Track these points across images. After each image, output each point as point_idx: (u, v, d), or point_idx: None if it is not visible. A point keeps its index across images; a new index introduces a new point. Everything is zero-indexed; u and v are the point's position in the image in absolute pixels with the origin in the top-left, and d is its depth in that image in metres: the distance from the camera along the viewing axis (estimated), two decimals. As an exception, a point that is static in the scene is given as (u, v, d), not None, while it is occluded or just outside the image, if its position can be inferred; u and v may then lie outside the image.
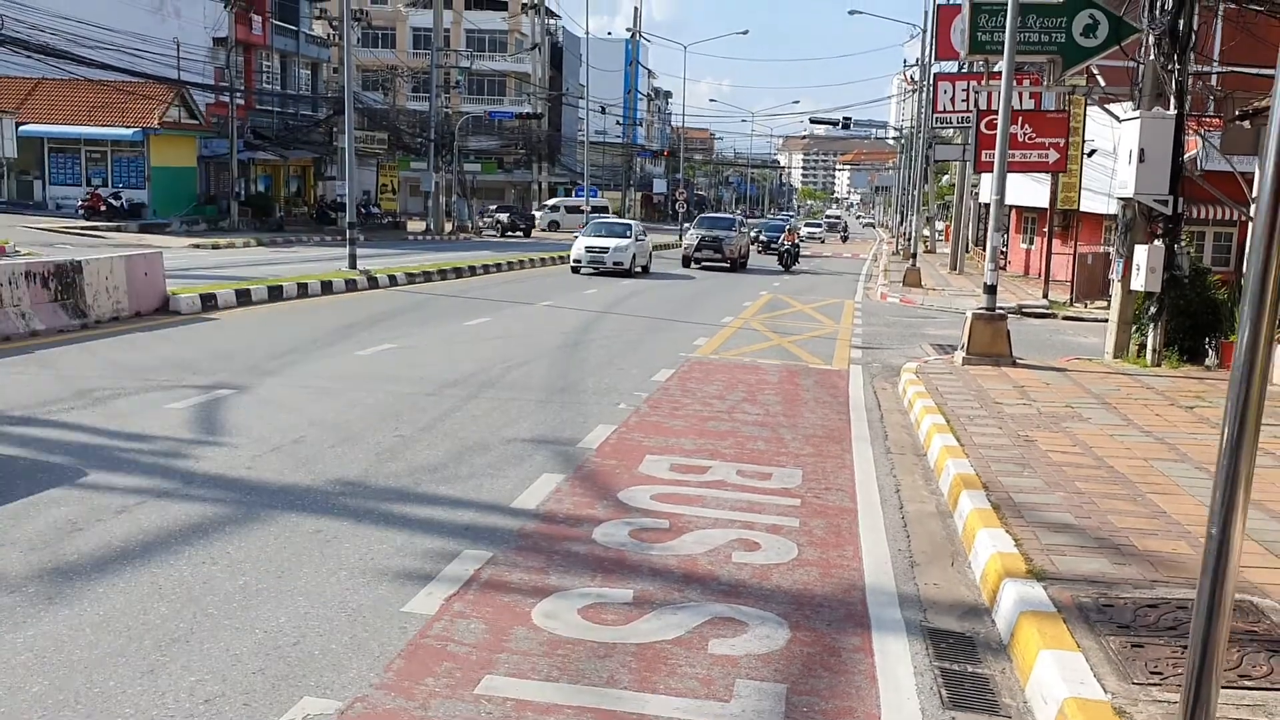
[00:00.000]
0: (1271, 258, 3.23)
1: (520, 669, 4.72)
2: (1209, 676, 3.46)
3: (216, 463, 7.88)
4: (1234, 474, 3.46)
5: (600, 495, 7.57)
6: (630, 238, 31.61)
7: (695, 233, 38.46)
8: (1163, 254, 14.22)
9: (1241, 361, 3.42)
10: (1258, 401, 3.43)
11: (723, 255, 36.54)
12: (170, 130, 42.70)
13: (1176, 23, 14.03)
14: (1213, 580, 3.49)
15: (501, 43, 77.65)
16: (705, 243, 37.00)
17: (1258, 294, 3.34)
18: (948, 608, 5.82)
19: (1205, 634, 3.50)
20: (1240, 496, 3.46)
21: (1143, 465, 8.59)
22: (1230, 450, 3.47)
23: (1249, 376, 3.37)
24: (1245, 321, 3.40)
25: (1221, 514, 3.50)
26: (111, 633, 4.88)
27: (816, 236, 78.80)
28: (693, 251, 37.11)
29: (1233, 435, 3.46)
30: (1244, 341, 3.42)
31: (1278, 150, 3.23)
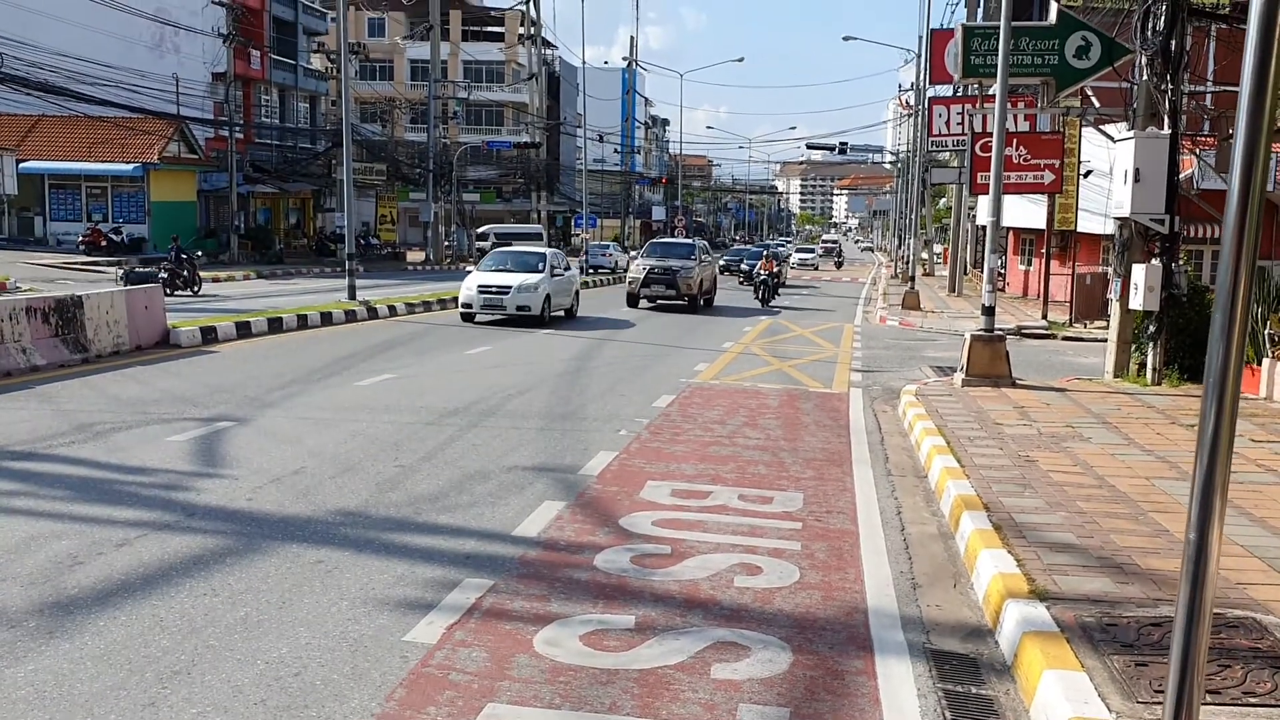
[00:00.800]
0: (1240, 269, 3.29)
1: (522, 697, 4.70)
2: (1190, 684, 3.49)
3: (217, 495, 7.87)
4: (1210, 480, 3.49)
5: (601, 522, 7.56)
6: (542, 272, 23.30)
7: (642, 263, 29.80)
8: (1160, 273, 14.25)
9: (1215, 369, 3.45)
10: (1231, 405, 3.46)
11: (677, 291, 28.69)
12: (170, 165, 42.90)
13: (1168, 43, 14.11)
14: (1192, 586, 3.53)
15: (499, 73, 78.11)
16: (655, 275, 28.97)
17: (1228, 302, 3.38)
18: (951, 629, 5.81)
19: (1185, 644, 3.53)
20: (1217, 503, 3.51)
21: (1144, 484, 8.58)
22: (1206, 457, 3.50)
23: (1222, 385, 3.41)
24: (1217, 330, 3.45)
25: (1199, 521, 3.54)
26: (112, 666, 4.87)
27: (809, 263, 72.25)
28: (639, 287, 28.96)
29: (1208, 443, 3.49)
30: (1216, 354, 3.45)
31: (1243, 168, 3.29)
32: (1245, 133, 3.28)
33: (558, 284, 23.98)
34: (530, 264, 23.80)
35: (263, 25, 49.85)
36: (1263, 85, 3.25)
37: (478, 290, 22.39)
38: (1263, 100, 3.26)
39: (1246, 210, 3.30)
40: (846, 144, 69.90)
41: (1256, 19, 3.31)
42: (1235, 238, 3.32)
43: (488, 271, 23.47)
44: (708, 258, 32.29)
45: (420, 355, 16.98)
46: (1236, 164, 3.28)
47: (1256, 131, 3.27)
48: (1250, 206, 3.33)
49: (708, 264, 31.68)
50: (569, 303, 24.87)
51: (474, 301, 22.31)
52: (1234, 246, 3.32)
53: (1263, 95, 3.26)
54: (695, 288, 29.02)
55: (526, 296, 22.20)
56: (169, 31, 44.40)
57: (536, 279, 22.77)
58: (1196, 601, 3.52)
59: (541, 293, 22.52)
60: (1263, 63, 3.25)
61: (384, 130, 63.82)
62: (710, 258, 33.08)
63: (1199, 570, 3.50)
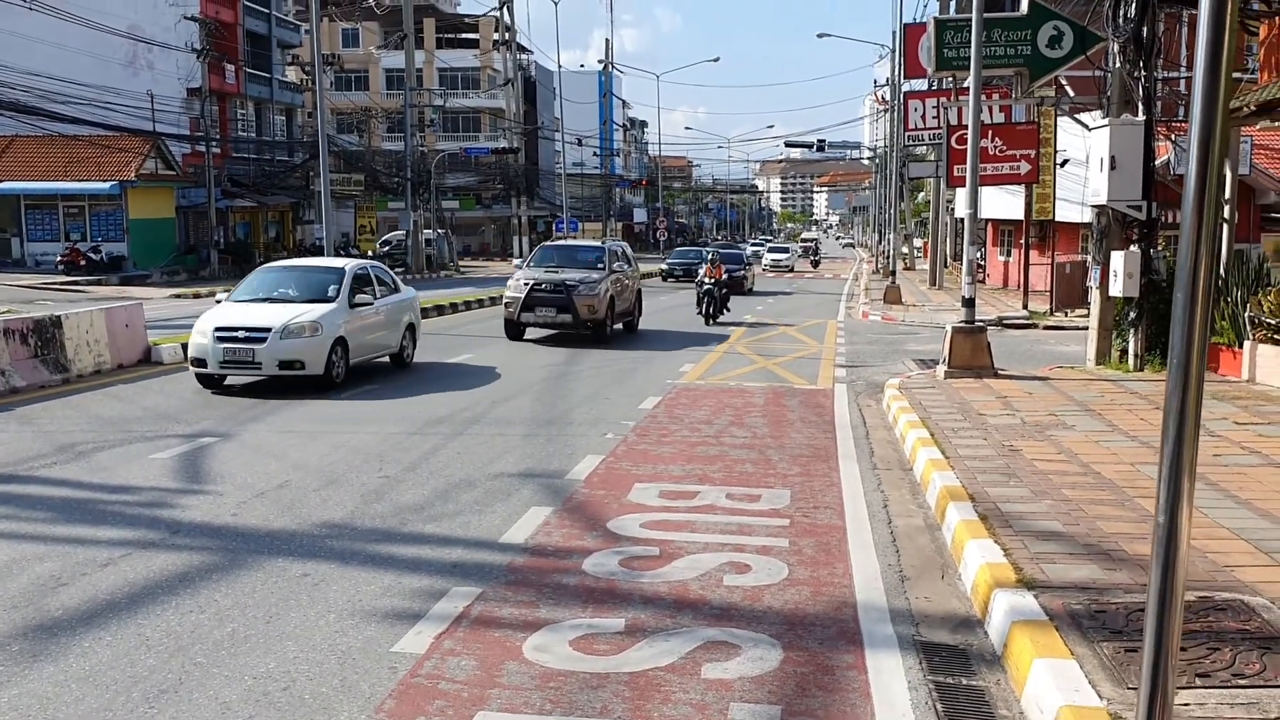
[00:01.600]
0: (1200, 254, 3.32)
1: (513, 704, 4.68)
2: (1164, 665, 3.50)
3: (201, 511, 7.83)
4: (1178, 462, 3.55)
5: (589, 526, 7.55)
6: (333, 300, 14.44)
7: (525, 275, 20.99)
8: (1139, 259, 14.31)
9: (1178, 351, 3.53)
10: (1196, 386, 3.55)
11: (573, 315, 20.04)
12: (147, 182, 42.67)
13: (1140, 30, 14.17)
14: (1163, 569, 3.55)
15: (474, 79, 78.00)
16: (541, 294, 20.15)
17: (1189, 284, 3.42)
18: (940, 621, 5.81)
19: (1158, 626, 3.53)
20: (1186, 484, 3.55)
21: (1129, 470, 8.61)
22: (1173, 438, 3.58)
23: (1186, 366, 3.48)
24: (1179, 310, 3.50)
25: (1168, 504, 3.57)
26: (98, 687, 4.82)
27: (783, 265, 62.85)
28: (518, 310, 20.30)
29: (1176, 424, 3.58)
30: (1179, 334, 3.52)
31: (1200, 150, 3.29)
32: (1201, 114, 3.29)
33: (389, 314, 15.60)
34: (314, 287, 14.76)
35: (236, 39, 49.63)
36: (1216, 67, 3.25)
37: (214, 336, 13.43)
38: (1217, 81, 3.26)
39: (1205, 191, 3.31)
40: (824, 141, 69.96)
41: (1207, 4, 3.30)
42: (1194, 218, 3.34)
43: (236, 304, 14.47)
44: (627, 266, 22.76)
45: (404, 365, 16.90)
46: (1194, 146, 3.29)
47: (1212, 112, 3.27)
48: (1208, 187, 3.33)
49: (624, 275, 22.12)
50: (397, 344, 16.02)
51: (209, 356, 13.40)
52: (1193, 227, 3.34)
53: (1216, 77, 3.26)
54: (602, 309, 20.06)
55: (293, 344, 13.48)
56: (142, 48, 44.16)
57: (315, 316, 13.80)
58: (1169, 584, 3.53)
59: (319, 342, 13.62)
60: (1215, 44, 3.24)
61: (361, 140, 63.62)
62: (631, 266, 23.32)
63: (1169, 552, 3.53)
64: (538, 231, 79.53)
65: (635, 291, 22.93)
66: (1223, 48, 3.22)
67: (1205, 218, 3.31)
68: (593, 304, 19.88)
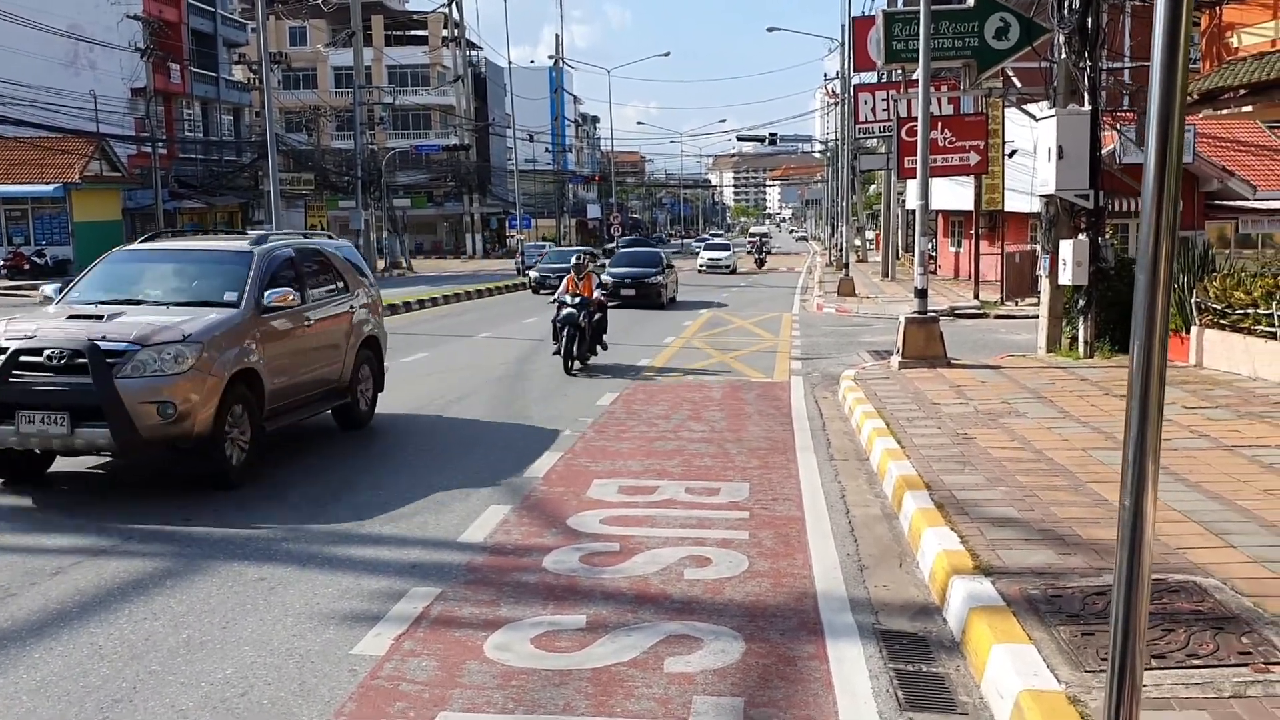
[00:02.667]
0: (1161, 240, 3.32)
1: (475, 703, 4.65)
2: (1133, 651, 3.51)
3: (154, 516, 7.70)
4: (1142, 446, 3.53)
5: (549, 523, 7.52)
6: None
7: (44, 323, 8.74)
8: (1087, 248, 14.49)
9: (1141, 337, 3.47)
10: (1159, 372, 3.48)
11: None
12: (92, 184, 41.96)
13: (1085, 21, 14.34)
14: (1130, 553, 3.56)
15: (424, 76, 77.45)
16: None
17: (1151, 270, 3.40)
18: (899, 609, 5.85)
19: (1126, 610, 3.54)
20: (1150, 468, 3.54)
21: (1081, 455, 8.72)
22: (1137, 423, 3.53)
23: (1148, 352, 3.44)
24: (1141, 296, 3.46)
25: (1134, 487, 3.58)
26: (50, 699, 4.73)
27: (721, 265, 51.60)
28: None
29: (1137, 409, 3.53)
30: (1141, 319, 3.47)
31: (1159, 139, 3.30)
32: (1159, 103, 3.32)
33: None
34: None
35: (181, 39, 48.95)
36: (1174, 55, 3.27)
37: None
38: (1174, 70, 3.28)
39: (1164, 180, 3.32)
40: (776, 135, 70.22)
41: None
42: (1154, 207, 3.34)
43: None
44: (332, 295, 10.86)
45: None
46: (1152, 135, 3.31)
47: (1170, 101, 3.29)
48: (1167, 176, 3.34)
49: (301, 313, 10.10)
50: None
51: None
52: (1153, 215, 3.34)
53: (1174, 65, 3.27)
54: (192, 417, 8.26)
55: None
56: (84, 48, 43.42)
57: None
58: (1135, 568, 3.54)
59: None
60: (1173, 30, 3.26)
61: (310, 139, 63.01)
62: (346, 289, 11.24)
63: (1135, 536, 3.54)
64: (490, 229, 79.28)
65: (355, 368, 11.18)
66: (1180, 33, 3.23)
67: (1165, 204, 3.31)
68: None
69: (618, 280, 27.86)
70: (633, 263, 29.62)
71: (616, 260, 31.59)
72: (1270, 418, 10.09)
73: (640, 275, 27.51)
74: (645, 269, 28.99)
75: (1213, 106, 13.39)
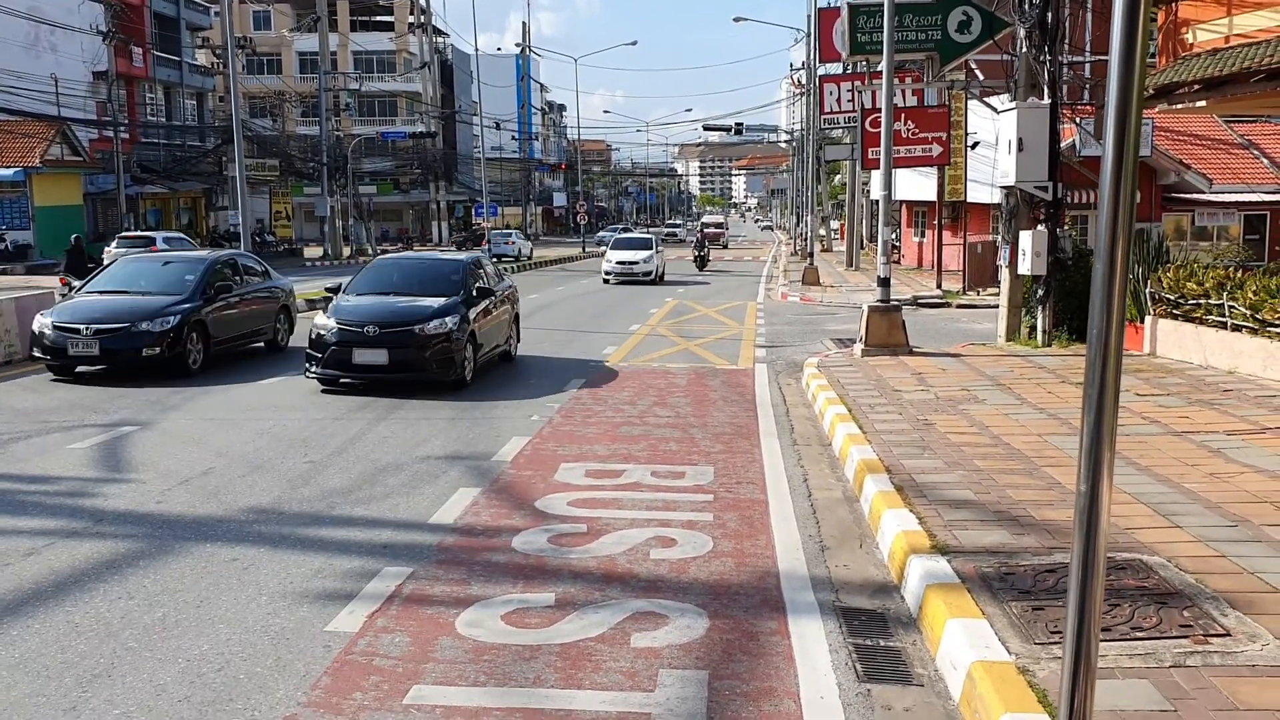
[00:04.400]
0: (1118, 231, 3.39)
1: (447, 677, 4.79)
2: (1088, 629, 3.58)
3: (125, 499, 7.77)
4: (1098, 433, 3.55)
5: (517, 505, 7.66)
6: None
7: None
8: (1046, 238, 14.76)
9: (1098, 325, 3.49)
10: (1115, 360, 3.51)
11: None
12: (53, 168, 41.48)
13: (1045, 16, 14.60)
14: (1086, 537, 3.60)
15: (390, 63, 77.00)
16: None
17: (1108, 260, 3.44)
18: (858, 587, 6.04)
19: (1081, 596, 3.59)
20: (1106, 454, 3.56)
21: (1037, 440, 8.95)
22: (1094, 411, 3.55)
23: (1105, 340, 3.47)
24: (1098, 284, 3.49)
25: (1089, 473, 3.60)
26: (29, 674, 4.83)
27: (636, 272, 35.24)
28: None
29: (1095, 397, 3.54)
30: (1099, 308, 3.49)
31: (1116, 133, 3.37)
32: (1117, 95, 3.38)
33: None
34: None
35: (144, 21, 48.45)
36: (1132, 49, 3.33)
37: None
38: (1132, 63, 3.34)
39: (1122, 173, 3.39)
40: (742, 125, 70.30)
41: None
42: (1112, 198, 3.42)
43: None
44: None
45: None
46: (1110, 129, 3.38)
47: (1128, 96, 3.35)
48: (1125, 167, 3.41)
49: None
50: None
51: None
52: (1111, 208, 3.42)
53: (1132, 57, 3.34)
54: None
55: None
56: (44, 30, 42.88)
57: None
58: (1090, 551, 3.61)
59: None
60: (1131, 23, 3.31)
61: (275, 125, 62.55)
62: None
63: (1091, 520, 3.60)
64: (456, 216, 79.01)
65: None
66: (1138, 26, 3.29)
67: (1123, 197, 3.38)
68: None
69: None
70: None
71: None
72: (1219, 405, 10.39)
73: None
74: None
75: (1168, 101, 13.68)
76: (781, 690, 4.70)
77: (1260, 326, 11.81)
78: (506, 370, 14.62)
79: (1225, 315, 12.42)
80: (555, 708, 4.49)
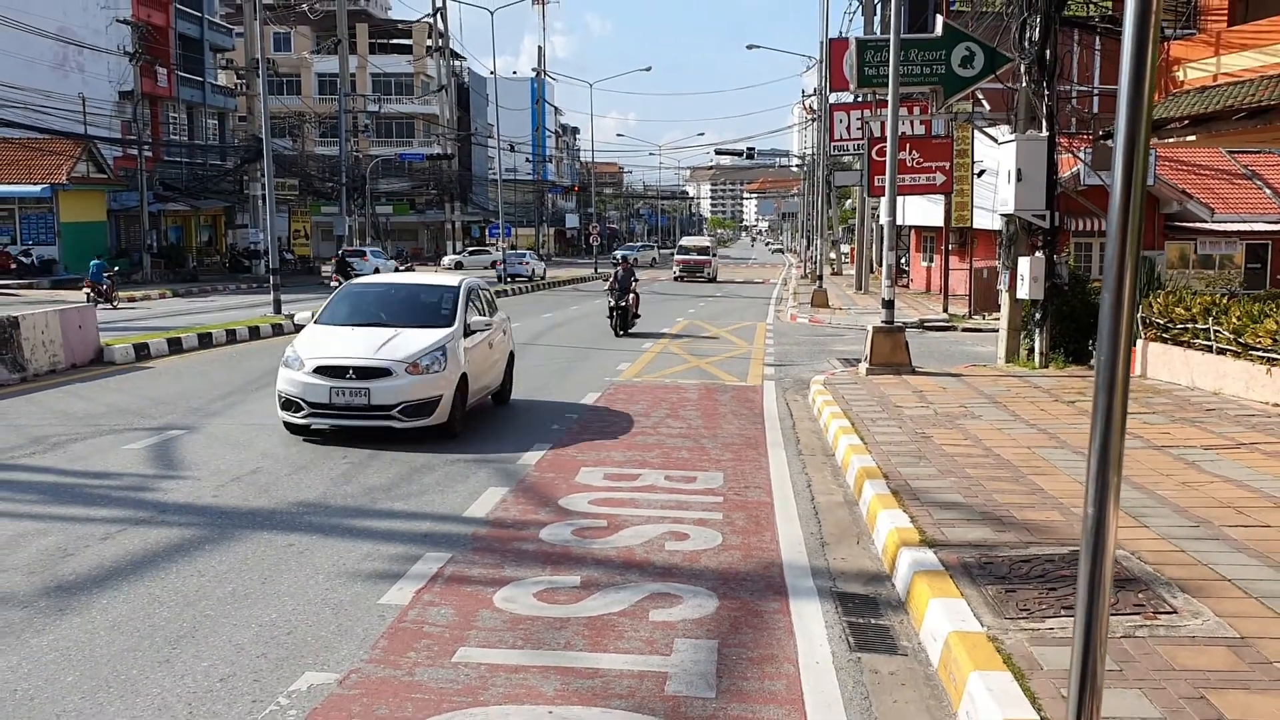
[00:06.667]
0: (1126, 259, 3.44)
1: (489, 641, 5.46)
2: (1094, 654, 3.68)
3: (183, 493, 8.48)
4: (1106, 454, 3.60)
5: (542, 503, 8.34)
6: None
7: None
8: (1044, 264, 15.43)
9: (1105, 350, 3.58)
10: (1122, 388, 3.60)
11: None
12: (79, 185, 42.45)
13: (1044, 53, 15.31)
14: (1093, 558, 3.62)
15: (408, 85, 78.19)
16: None
17: (1115, 286, 3.50)
18: (854, 576, 6.70)
19: (1089, 617, 3.65)
20: (1113, 477, 3.61)
21: (1026, 452, 9.61)
22: (1101, 436, 3.61)
23: (1112, 367, 3.56)
24: (1105, 319, 3.56)
25: (1097, 495, 3.63)
26: (124, 634, 5.51)
27: None
28: None
29: (1103, 423, 3.61)
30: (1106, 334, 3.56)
31: (1124, 166, 3.43)
32: (1125, 128, 3.41)
33: None
34: None
35: (169, 43, 49.49)
36: (1140, 88, 3.37)
37: None
38: (1140, 96, 3.38)
39: (1129, 202, 3.42)
40: (754, 149, 71.51)
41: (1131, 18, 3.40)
42: (1120, 228, 3.43)
43: None
44: None
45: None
46: (1119, 159, 3.42)
47: (1136, 127, 3.38)
48: (1132, 199, 3.43)
49: None
50: None
51: None
52: (1119, 236, 3.43)
53: (1140, 91, 3.37)
54: None
55: None
56: (72, 51, 43.96)
57: None
58: (1097, 572, 3.61)
59: None
60: (1139, 61, 3.35)
61: (294, 145, 63.60)
62: None
63: (1098, 543, 3.60)
64: (471, 237, 79.98)
65: None
66: (1146, 64, 3.33)
67: (1130, 225, 3.40)
68: None
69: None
70: None
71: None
72: (1200, 423, 11.03)
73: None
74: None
75: (1158, 135, 14.36)
76: (782, 656, 5.36)
77: (1243, 350, 12.45)
78: (524, 385, 15.28)
79: (1211, 339, 13.07)
80: (584, 666, 5.16)
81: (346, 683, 4.95)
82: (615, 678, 5.04)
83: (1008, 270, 16.30)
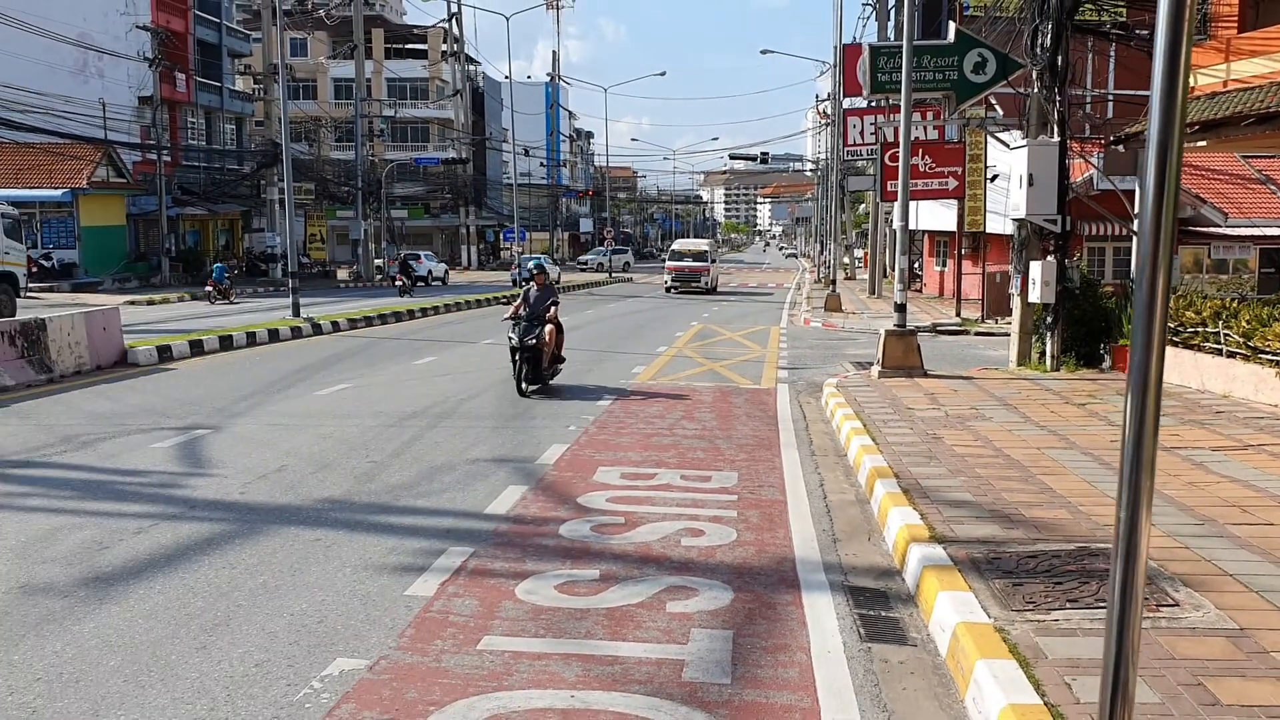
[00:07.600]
0: (1159, 263, 3.42)
1: (513, 630, 5.67)
2: (1126, 663, 3.71)
3: (211, 490, 8.71)
4: (1138, 460, 3.57)
5: (561, 500, 8.54)
6: None
7: None
8: (1055, 268, 15.58)
9: (1139, 356, 3.51)
10: (1155, 387, 3.51)
11: None
12: (99, 190, 42.92)
13: (1055, 59, 15.47)
14: (1125, 561, 3.68)
15: (423, 90, 78.65)
16: None
17: (1148, 292, 3.46)
18: (865, 571, 6.89)
19: (1120, 626, 3.70)
20: (1146, 481, 3.60)
21: (1036, 453, 9.77)
22: (1133, 440, 3.56)
23: (1145, 373, 3.49)
24: (1139, 324, 3.50)
25: (1129, 500, 3.65)
26: (161, 622, 5.74)
27: None
28: None
29: (1135, 427, 3.54)
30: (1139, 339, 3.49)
31: (1157, 169, 3.38)
32: (1158, 133, 3.37)
33: None
34: None
35: (187, 49, 49.98)
36: (1173, 88, 3.32)
37: None
38: (1174, 100, 3.34)
39: (1162, 205, 3.40)
40: (768, 154, 71.66)
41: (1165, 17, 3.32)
42: (1153, 231, 3.39)
43: None
44: None
45: (371, 366, 17.77)
46: (1150, 162, 3.38)
47: (1169, 131, 3.35)
48: (1165, 202, 3.40)
49: None
50: None
51: None
52: (1151, 238, 3.40)
53: (1174, 94, 3.33)
54: None
55: None
56: (92, 56, 44.45)
57: None
58: (1130, 575, 3.67)
59: None
60: (1172, 63, 3.31)
61: (310, 149, 64.04)
62: None
63: (1131, 546, 3.66)
64: (486, 241, 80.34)
65: None
66: (1179, 66, 3.30)
67: (1163, 230, 3.37)
68: None
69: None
70: None
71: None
72: (1209, 425, 11.17)
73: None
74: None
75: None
76: (795, 646, 5.55)
77: (1252, 353, 12.59)
78: (541, 387, 15.49)
79: (1220, 343, 13.20)
80: (604, 654, 5.36)
81: (376, 668, 5.16)
82: (634, 665, 5.24)
83: (1019, 274, 16.44)
